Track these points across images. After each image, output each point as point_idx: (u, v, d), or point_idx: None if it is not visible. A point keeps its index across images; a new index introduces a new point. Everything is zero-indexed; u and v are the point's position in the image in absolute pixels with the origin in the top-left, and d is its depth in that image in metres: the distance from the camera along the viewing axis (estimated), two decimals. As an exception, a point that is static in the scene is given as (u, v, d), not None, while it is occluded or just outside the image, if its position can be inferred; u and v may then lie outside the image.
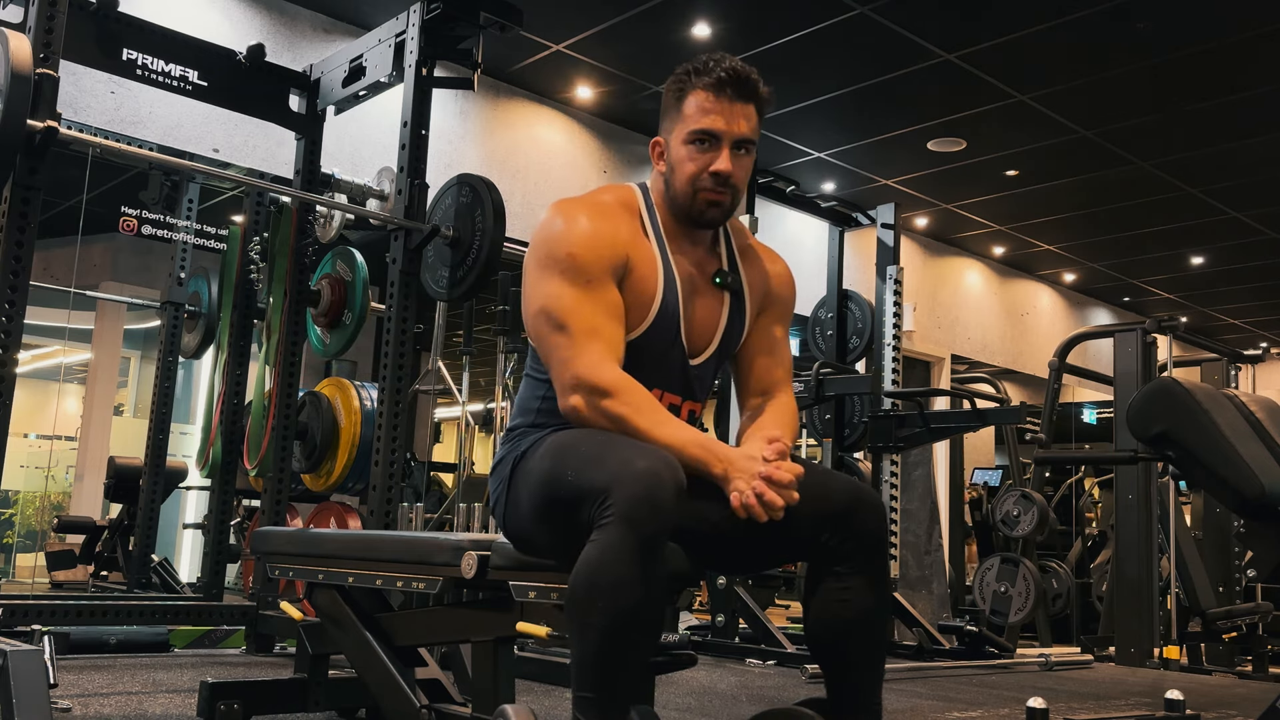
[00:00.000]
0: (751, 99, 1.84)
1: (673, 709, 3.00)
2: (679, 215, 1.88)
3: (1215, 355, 6.23)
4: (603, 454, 1.63)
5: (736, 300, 1.93)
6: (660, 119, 1.90)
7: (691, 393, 1.91)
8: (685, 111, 1.83)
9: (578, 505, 1.60)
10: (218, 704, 2.21)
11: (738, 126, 1.83)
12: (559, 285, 1.77)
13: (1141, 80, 5.89)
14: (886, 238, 5.70)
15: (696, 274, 1.89)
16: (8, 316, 2.81)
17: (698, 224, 1.88)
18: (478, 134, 6.20)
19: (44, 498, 7.17)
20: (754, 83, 1.84)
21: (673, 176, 1.86)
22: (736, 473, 1.66)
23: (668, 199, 1.88)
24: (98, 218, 5.46)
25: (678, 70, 1.86)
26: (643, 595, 1.54)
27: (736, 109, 1.82)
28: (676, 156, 1.84)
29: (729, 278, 1.91)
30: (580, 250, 1.77)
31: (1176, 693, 2.85)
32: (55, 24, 2.91)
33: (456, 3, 3.46)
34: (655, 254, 1.85)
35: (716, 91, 1.81)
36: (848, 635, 1.73)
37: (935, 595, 6.53)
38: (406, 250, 3.48)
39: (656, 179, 1.91)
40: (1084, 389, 10.15)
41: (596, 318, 1.76)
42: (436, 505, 6.06)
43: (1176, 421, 2.38)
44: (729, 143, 1.82)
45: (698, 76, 1.82)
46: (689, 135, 1.82)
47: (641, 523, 1.53)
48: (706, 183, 1.82)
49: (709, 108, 1.81)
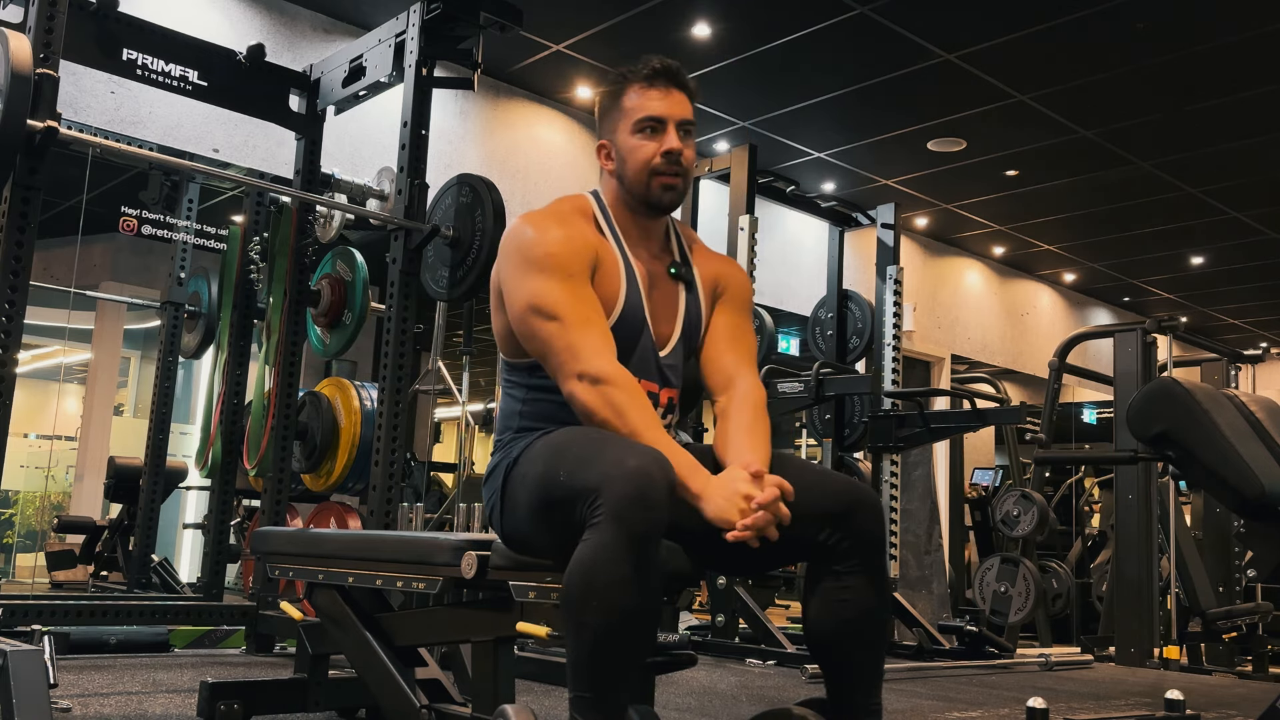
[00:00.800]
0: (683, 87, 1.95)
1: (673, 709, 3.00)
2: (635, 206, 1.95)
3: (1215, 355, 6.23)
4: (594, 453, 1.64)
5: (690, 291, 2.01)
6: (600, 124, 2.01)
7: (667, 380, 1.95)
8: (626, 106, 1.93)
9: (571, 505, 1.62)
10: (218, 704, 2.21)
11: (679, 110, 1.93)
12: (543, 281, 1.82)
13: (1141, 80, 5.89)
14: (886, 238, 5.70)
15: (653, 268, 1.97)
16: (8, 316, 2.80)
17: (655, 208, 1.95)
18: (478, 134, 6.20)
19: (44, 498, 7.17)
20: (683, 73, 1.96)
21: (625, 168, 1.94)
22: (711, 501, 1.67)
23: (623, 194, 1.96)
24: (98, 218, 5.46)
25: (609, 77, 1.99)
26: (636, 593, 1.55)
27: (674, 94, 1.93)
28: (626, 147, 1.93)
29: (682, 268, 2.01)
30: (557, 249, 1.84)
31: (1176, 693, 2.85)
32: (55, 24, 2.91)
33: (456, 3, 3.46)
34: (615, 251, 1.93)
35: (651, 82, 1.92)
36: (847, 635, 1.74)
37: (935, 595, 6.53)
38: (406, 250, 3.48)
39: (608, 180, 1.99)
40: (1084, 389, 10.15)
41: (587, 309, 1.82)
42: (436, 505, 6.06)
43: (1176, 421, 2.38)
44: (674, 124, 1.92)
45: (631, 75, 1.94)
46: (635, 125, 1.92)
47: (633, 521, 1.54)
48: (660, 164, 1.90)
49: (650, 95, 1.92)
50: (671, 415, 1.97)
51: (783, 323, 7.71)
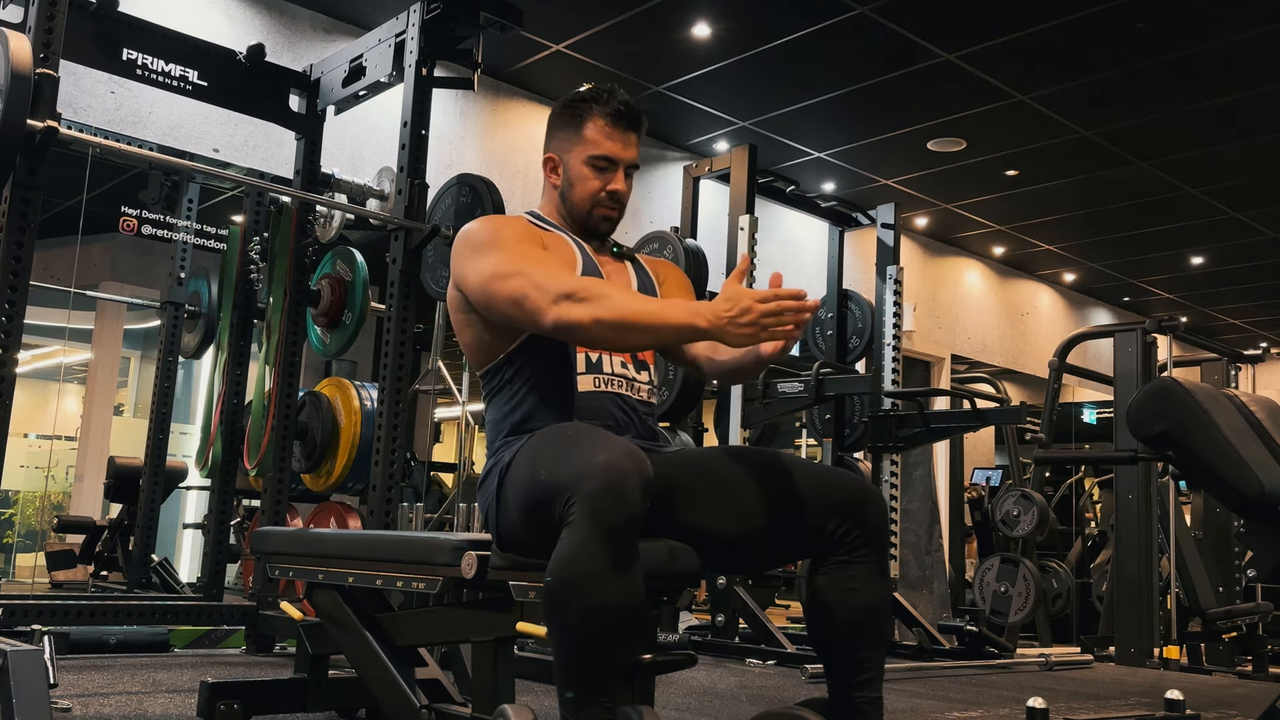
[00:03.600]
0: (638, 129, 2.07)
1: (673, 709, 3.00)
2: (574, 226, 2.08)
3: (1215, 355, 6.23)
4: (569, 451, 1.66)
5: (638, 267, 2.13)
6: (551, 136, 2.10)
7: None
8: (586, 136, 2.03)
9: (551, 504, 1.63)
10: (218, 704, 2.21)
11: (630, 153, 2.05)
12: (495, 253, 1.91)
13: (1142, 80, 5.89)
14: (886, 238, 5.71)
15: (598, 258, 2.07)
16: (8, 316, 2.80)
17: (593, 234, 2.08)
18: (478, 134, 6.20)
19: (44, 498, 7.16)
20: (642, 116, 2.07)
21: (571, 191, 2.05)
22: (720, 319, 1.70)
23: (564, 210, 2.08)
24: (98, 218, 5.46)
25: (572, 95, 2.08)
26: (614, 588, 1.55)
27: (630, 138, 2.05)
28: (577, 174, 2.04)
29: (624, 248, 2.15)
30: (505, 232, 1.96)
31: (1176, 693, 2.85)
32: (55, 24, 2.91)
33: (456, 3, 3.46)
34: (562, 235, 2.05)
35: (613, 121, 2.03)
36: (853, 624, 1.76)
37: (935, 595, 6.53)
38: (406, 250, 3.48)
39: (550, 193, 2.10)
40: (1084, 389, 10.15)
41: (543, 257, 1.92)
42: (436, 505, 6.06)
43: (1176, 421, 2.38)
44: (624, 168, 2.05)
45: (597, 105, 2.03)
46: (590, 159, 2.02)
47: (606, 515, 1.55)
48: (605, 201, 2.04)
49: (609, 134, 2.02)
50: (646, 372, 2.03)
51: (783, 323, 7.70)
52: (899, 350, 5.47)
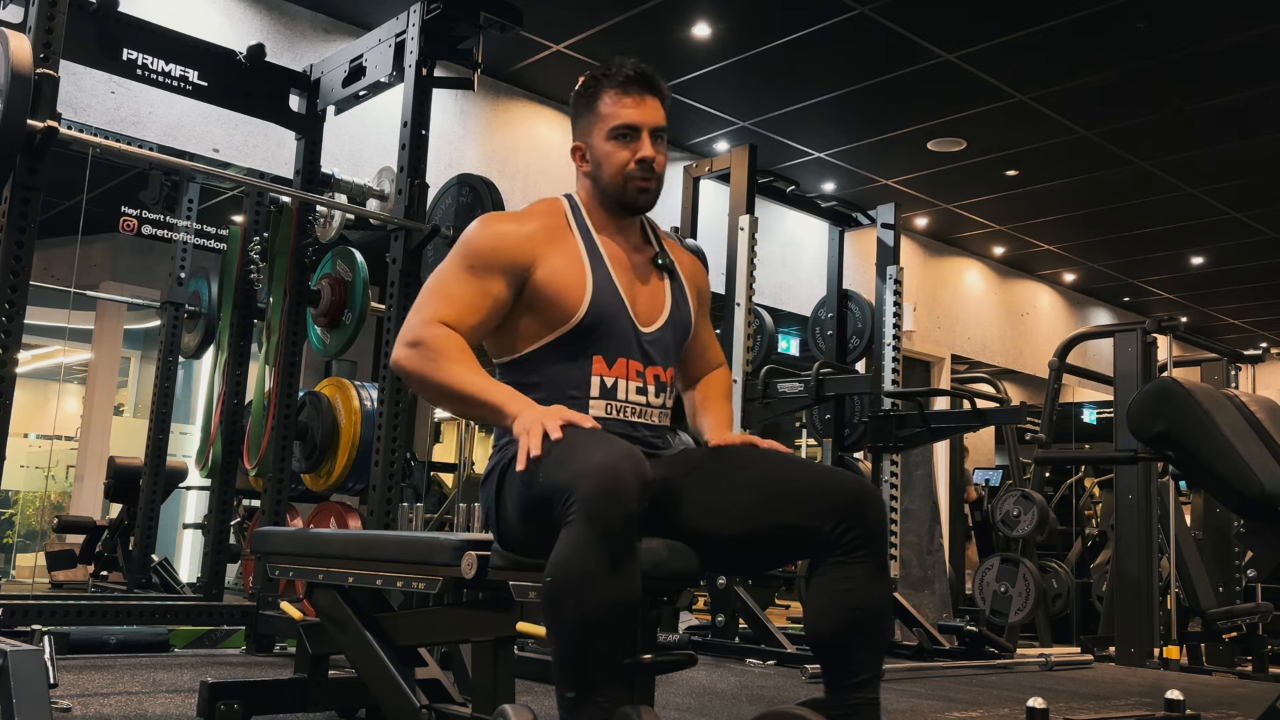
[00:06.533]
0: (657, 92, 1.99)
1: (673, 709, 3.00)
2: (610, 207, 2.00)
3: (1215, 355, 6.23)
4: (568, 453, 1.65)
5: (674, 281, 2.06)
6: (574, 125, 2.05)
7: (651, 359, 1.97)
8: (601, 111, 1.97)
9: (550, 505, 1.63)
10: (218, 704, 2.21)
11: (652, 116, 1.96)
12: (451, 268, 1.91)
13: (1141, 80, 5.89)
14: (886, 238, 5.70)
15: (635, 260, 2.01)
16: (8, 316, 2.81)
17: (630, 210, 2.00)
18: (478, 134, 6.20)
19: (44, 498, 7.16)
20: (657, 77, 1.99)
21: (600, 172, 1.98)
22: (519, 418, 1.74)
23: (598, 195, 2.01)
24: (98, 218, 5.46)
25: (583, 79, 2.02)
26: (611, 589, 1.56)
27: (648, 100, 1.97)
28: (601, 152, 1.97)
29: (667, 259, 2.07)
30: (482, 246, 1.91)
31: (1176, 693, 2.85)
32: (55, 24, 2.91)
33: (456, 3, 3.46)
34: (577, 240, 1.96)
35: (625, 89, 1.96)
36: (852, 624, 1.75)
37: (936, 595, 6.53)
38: (406, 250, 3.48)
39: (583, 181, 2.04)
40: (1084, 389, 10.15)
41: (461, 291, 1.88)
42: (436, 505, 6.06)
43: (1176, 421, 2.38)
44: (648, 131, 1.96)
45: (606, 79, 1.97)
46: (611, 131, 1.96)
47: (602, 516, 1.55)
48: (635, 171, 1.95)
49: (623, 102, 1.96)
50: (664, 395, 2.00)
51: (783, 323, 7.71)
52: (899, 350, 5.47)
